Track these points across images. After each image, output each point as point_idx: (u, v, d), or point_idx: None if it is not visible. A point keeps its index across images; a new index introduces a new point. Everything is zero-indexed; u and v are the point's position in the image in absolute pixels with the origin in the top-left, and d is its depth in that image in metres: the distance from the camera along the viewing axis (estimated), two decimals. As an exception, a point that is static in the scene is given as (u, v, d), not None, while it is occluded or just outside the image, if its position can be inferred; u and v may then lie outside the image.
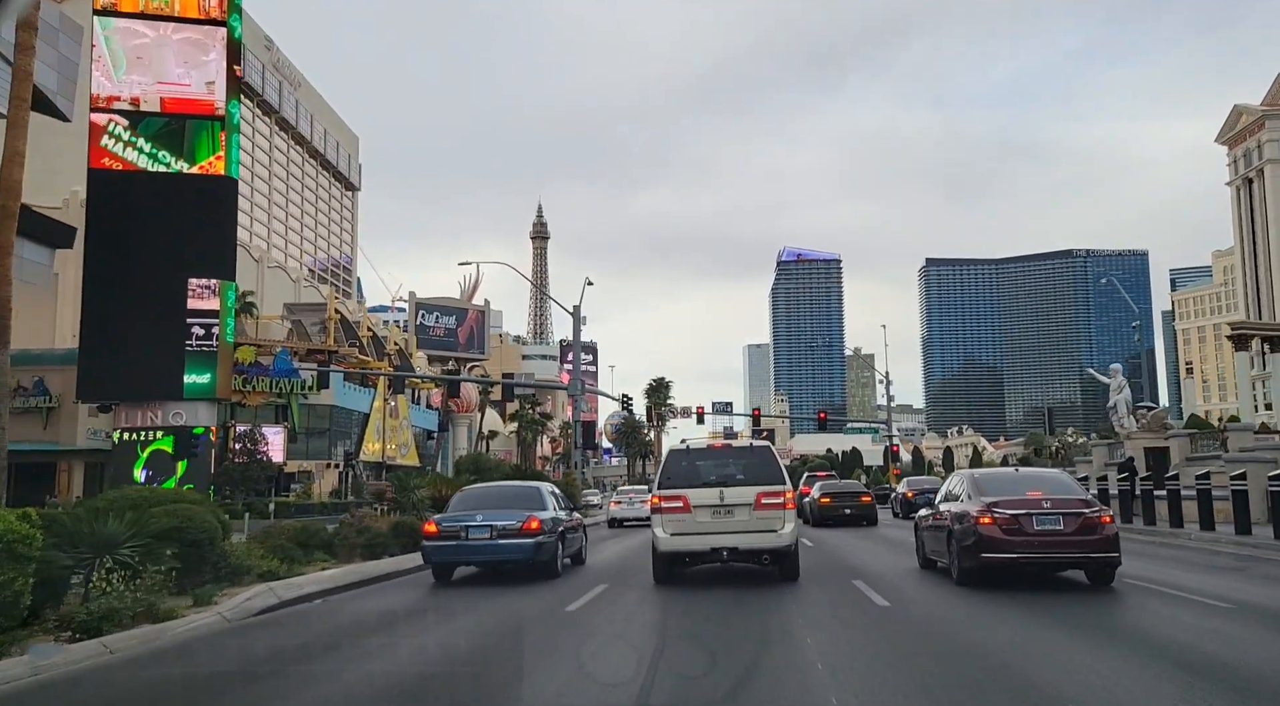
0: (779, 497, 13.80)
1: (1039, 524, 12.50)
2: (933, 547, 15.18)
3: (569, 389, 33.02)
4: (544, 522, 15.63)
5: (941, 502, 14.92)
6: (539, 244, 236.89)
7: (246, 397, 49.04)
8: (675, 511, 13.86)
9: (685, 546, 13.91)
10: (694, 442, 16.09)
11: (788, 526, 13.81)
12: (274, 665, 9.02)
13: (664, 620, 11.34)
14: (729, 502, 13.74)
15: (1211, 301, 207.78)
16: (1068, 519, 12.50)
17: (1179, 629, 9.90)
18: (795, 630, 10.15)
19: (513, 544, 15.22)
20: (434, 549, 15.67)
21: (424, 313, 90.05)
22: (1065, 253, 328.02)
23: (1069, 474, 19.48)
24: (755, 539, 13.71)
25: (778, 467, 14.38)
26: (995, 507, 12.65)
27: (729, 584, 14.23)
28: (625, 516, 35.76)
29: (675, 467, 14.41)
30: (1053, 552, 12.59)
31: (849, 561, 18.06)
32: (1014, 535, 12.44)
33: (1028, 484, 13.62)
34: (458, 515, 15.84)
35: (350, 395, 56.89)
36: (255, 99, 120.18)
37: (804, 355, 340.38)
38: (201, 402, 32.30)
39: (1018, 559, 12.55)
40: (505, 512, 15.57)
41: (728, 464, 14.54)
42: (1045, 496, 12.87)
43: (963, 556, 13.17)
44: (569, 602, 12.72)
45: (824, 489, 33.15)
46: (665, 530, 13.93)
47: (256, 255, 69.15)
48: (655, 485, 14.68)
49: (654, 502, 14.26)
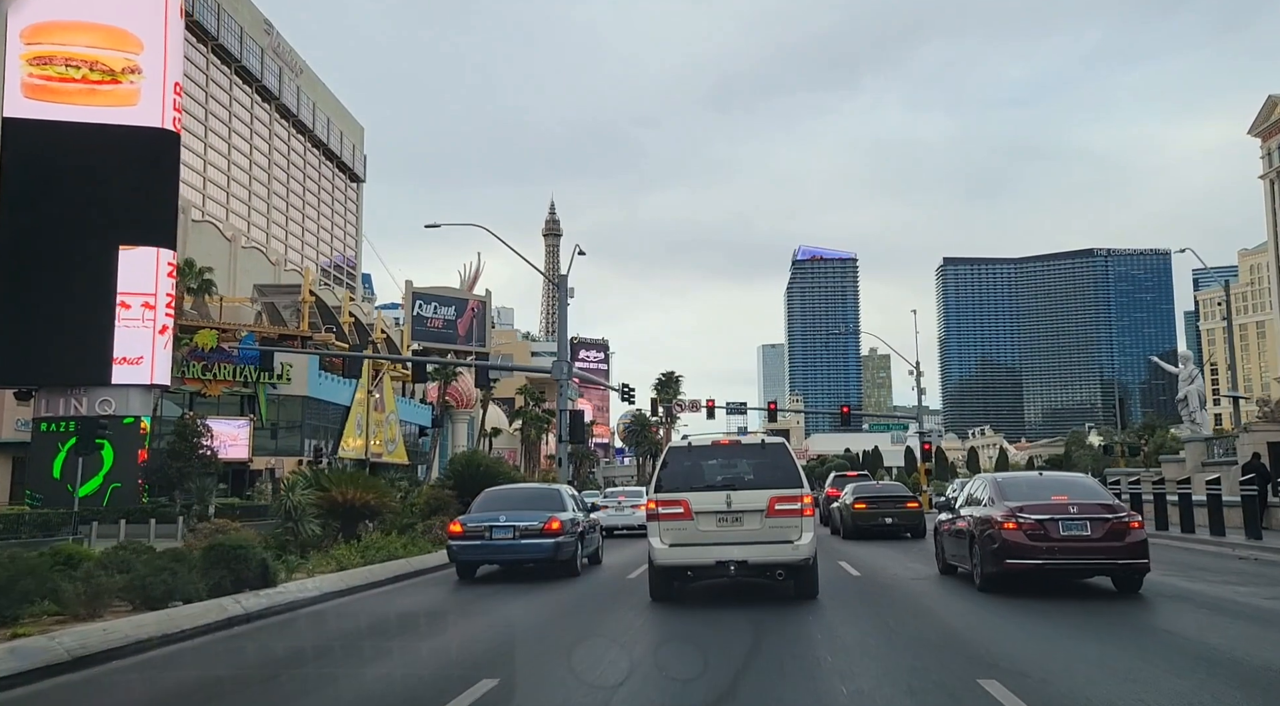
0: (795, 503, 12.41)
1: (1065, 529, 12.37)
2: (953, 552, 15.03)
3: (553, 372, 28.84)
4: (564, 523, 16.32)
5: (963, 507, 14.74)
6: (551, 241, 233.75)
7: (208, 387, 45.10)
8: (675, 518, 12.47)
9: (686, 559, 12.53)
10: (697, 439, 14.18)
11: (806, 536, 12.38)
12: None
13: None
14: (737, 508, 12.39)
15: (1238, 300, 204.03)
16: (1095, 524, 12.37)
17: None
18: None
19: (534, 543, 15.98)
20: (460, 548, 16.51)
21: (421, 302, 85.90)
22: (1086, 252, 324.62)
23: (1094, 479, 16.97)
24: (768, 551, 12.31)
25: (794, 468, 12.92)
26: (1020, 512, 12.55)
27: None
28: (613, 525, 27.91)
29: (675, 467, 12.98)
30: (1079, 559, 12.47)
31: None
32: (1039, 540, 12.33)
33: (1053, 488, 13.43)
34: (482, 516, 16.59)
35: (328, 386, 52.66)
36: (254, 84, 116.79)
37: (819, 355, 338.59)
38: (134, 389, 28.47)
39: (1043, 565, 12.37)
40: (527, 513, 16.35)
41: (736, 464, 13.21)
42: (1071, 501, 12.70)
43: (986, 562, 13.06)
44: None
45: (859, 492, 27.29)
46: (663, 540, 12.53)
47: (229, 233, 65.10)
48: (652, 487, 13.18)
49: (650, 508, 12.86)
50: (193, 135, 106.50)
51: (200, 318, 43.31)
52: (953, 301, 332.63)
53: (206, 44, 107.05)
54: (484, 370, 35.26)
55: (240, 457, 45.51)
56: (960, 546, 14.39)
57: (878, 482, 33.99)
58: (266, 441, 49.76)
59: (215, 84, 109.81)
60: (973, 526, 13.60)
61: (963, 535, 14.16)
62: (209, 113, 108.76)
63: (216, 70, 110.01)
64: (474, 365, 58.78)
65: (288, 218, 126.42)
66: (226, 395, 46.06)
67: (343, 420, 54.42)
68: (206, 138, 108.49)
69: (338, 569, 16.05)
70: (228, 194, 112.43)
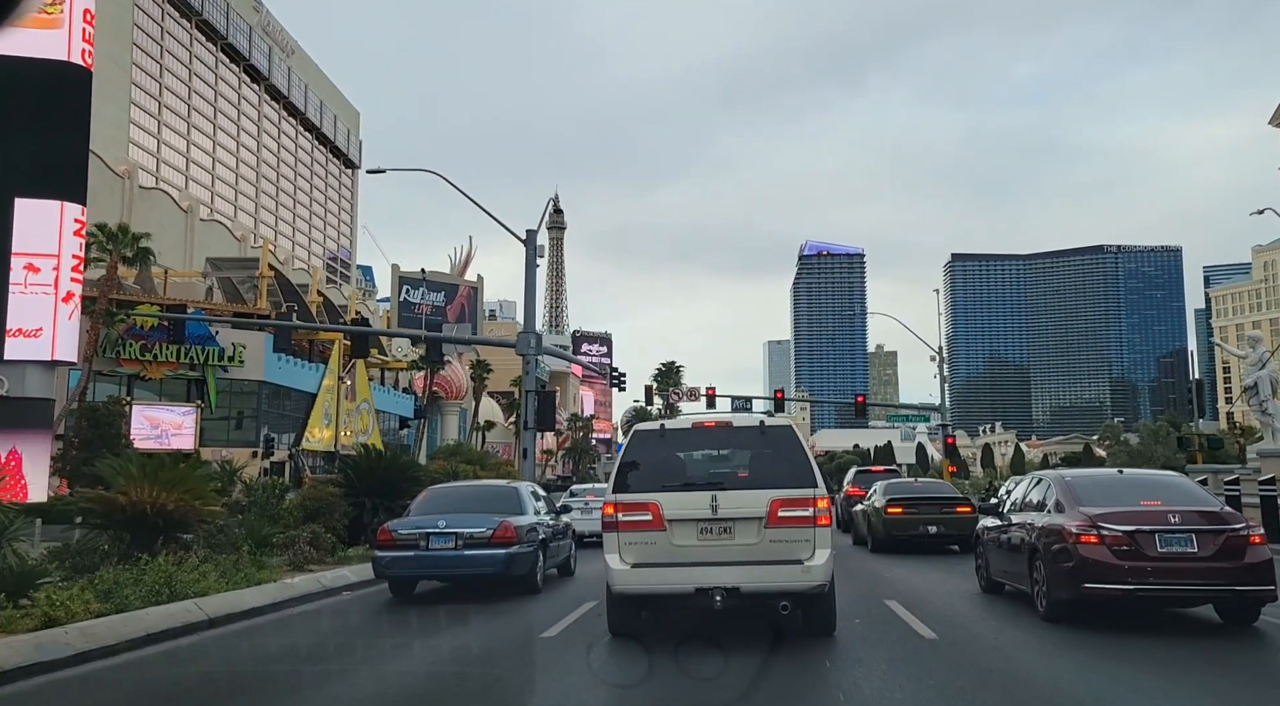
0: (807, 508, 9.17)
1: (1163, 544, 9.96)
2: (1002, 568, 12.68)
3: (518, 346, 24.77)
4: (520, 530, 13.74)
5: (1015, 512, 12.36)
6: (555, 234, 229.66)
7: (147, 369, 41.04)
8: (640, 528, 9.28)
9: (655, 584, 9.26)
10: (675, 421, 11.07)
11: (820, 554, 9.11)
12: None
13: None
14: (726, 515, 9.20)
15: (1251, 297, 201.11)
16: (1203, 538, 9.96)
17: None
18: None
19: (481, 555, 13.38)
20: (390, 560, 13.65)
21: (409, 287, 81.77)
22: (1095, 248, 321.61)
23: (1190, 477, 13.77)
24: (768, 574, 9.07)
25: (805, 459, 9.59)
26: (1103, 522, 10.16)
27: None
28: (581, 531, 22.30)
29: (642, 458, 9.72)
30: (1182, 583, 9.93)
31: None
32: (1129, 559, 9.90)
33: (1140, 490, 11.00)
34: (418, 520, 13.98)
35: (289, 371, 48.27)
36: (241, 64, 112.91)
37: (825, 352, 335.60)
38: (32, 366, 24.43)
39: (1134, 591, 9.88)
40: (474, 517, 13.77)
41: (726, 454, 10.06)
42: (1168, 507, 10.27)
43: (1055, 584, 10.64)
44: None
45: (892, 492, 21.83)
46: (624, 558, 9.31)
47: (185, 204, 60.85)
48: (610, 486, 9.79)
49: (607, 513, 9.48)
50: (177, 115, 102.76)
51: (144, 293, 39.43)
52: (961, 298, 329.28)
53: (190, 19, 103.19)
54: (435, 345, 31.10)
55: (185, 448, 41.38)
56: (1014, 562, 11.98)
57: (916, 480, 27.81)
58: (220, 431, 45.67)
59: (200, 62, 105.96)
60: (1034, 538, 11.19)
61: (1019, 548, 11.77)
62: (193, 91, 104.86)
63: (201, 48, 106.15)
64: (417, 335, 54.13)
65: (277, 203, 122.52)
66: (170, 378, 41.99)
67: (308, 409, 50.27)
68: (190, 117, 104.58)
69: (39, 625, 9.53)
70: (213, 176, 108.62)
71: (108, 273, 35.37)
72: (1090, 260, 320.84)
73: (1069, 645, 9.51)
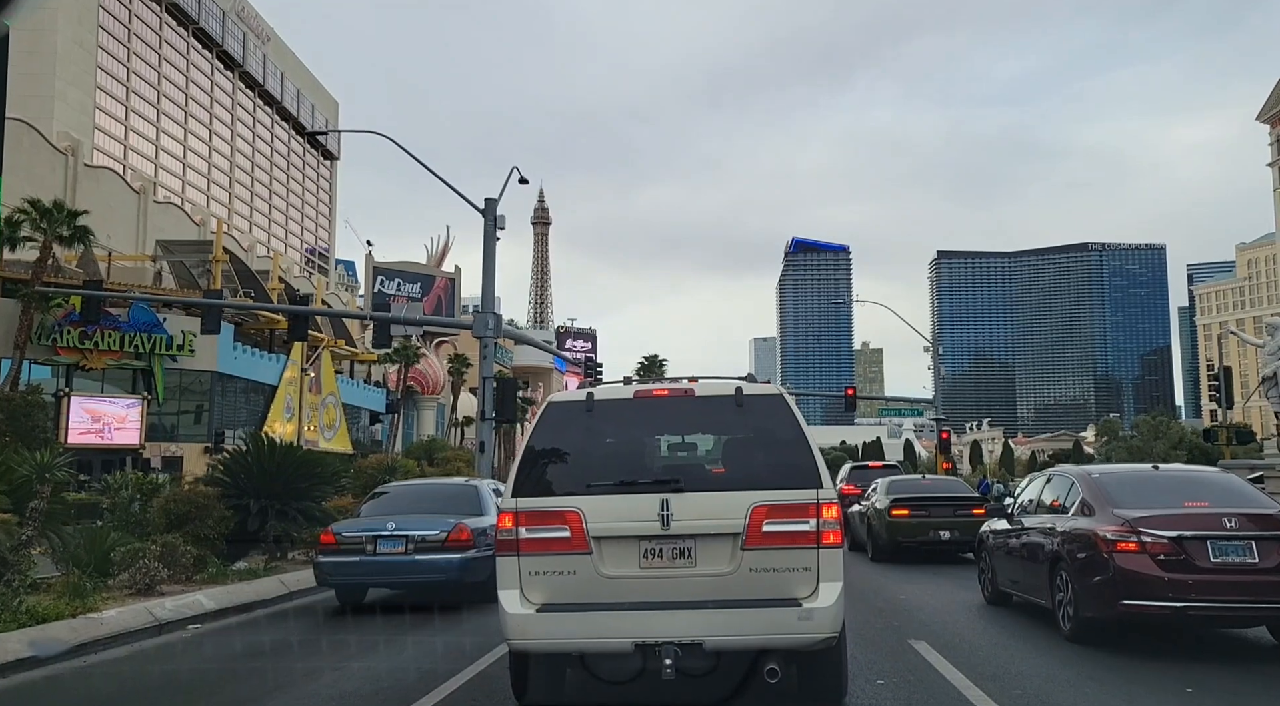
0: (808, 519, 5.94)
1: (1218, 554, 8.31)
2: (1013, 578, 11.15)
3: (474, 328, 22.53)
4: (477, 533, 12.45)
5: (1028, 514, 10.90)
6: (540, 229, 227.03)
7: (88, 358, 38.51)
8: (551, 549, 6.01)
9: (573, 637, 5.95)
10: (607, 389, 6.85)
11: (826, 591, 5.88)
12: None
13: None
14: (684, 530, 5.95)
15: (1235, 295, 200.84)
16: (1265, 546, 8.32)
17: None
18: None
19: (434, 560, 12.15)
20: (332, 566, 12.41)
21: (383, 278, 79.11)
22: (1080, 246, 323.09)
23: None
24: (748, 622, 5.81)
25: (803, 445, 6.21)
26: (1145, 526, 8.49)
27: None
28: None
29: (558, 443, 6.46)
30: (1240, 599, 8.28)
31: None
32: (1176, 571, 8.25)
33: (1181, 489, 9.39)
34: (366, 522, 12.85)
35: (246, 361, 45.71)
36: (214, 49, 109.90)
37: (811, 349, 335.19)
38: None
39: (1185, 609, 8.19)
40: (427, 519, 12.58)
41: (685, 438, 6.99)
42: (1220, 510, 8.59)
43: (1085, 600, 8.97)
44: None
45: (897, 491, 18.86)
46: (526, 596, 6.01)
47: (137, 185, 58.10)
48: (509, 486, 6.34)
49: (503, 527, 6.15)
50: (146, 101, 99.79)
51: (87, 275, 37.00)
52: (946, 295, 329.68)
53: (160, 2, 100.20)
54: (383, 328, 28.89)
55: (130, 443, 38.89)
56: (1030, 572, 10.43)
57: (924, 477, 23.81)
58: (170, 424, 43.19)
59: (170, 46, 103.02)
60: (1056, 545, 9.75)
61: (1035, 557, 10.29)
62: (163, 77, 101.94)
63: (172, 32, 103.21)
64: (364, 316, 51.58)
65: (253, 194, 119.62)
66: (114, 368, 39.46)
67: (267, 402, 47.76)
68: (160, 104, 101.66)
69: None
70: (184, 165, 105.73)
71: (41, 253, 32.96)
72: (1075, 258, 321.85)
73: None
